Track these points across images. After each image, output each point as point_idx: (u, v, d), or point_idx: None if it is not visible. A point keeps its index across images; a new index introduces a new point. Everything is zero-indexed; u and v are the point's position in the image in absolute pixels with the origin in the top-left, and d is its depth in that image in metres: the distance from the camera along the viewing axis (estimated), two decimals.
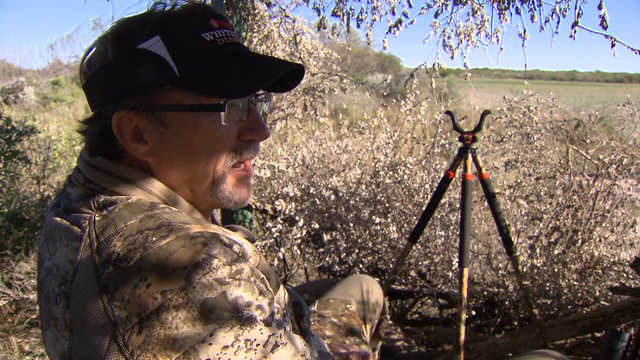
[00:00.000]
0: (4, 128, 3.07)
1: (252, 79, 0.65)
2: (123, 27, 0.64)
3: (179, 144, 0.65)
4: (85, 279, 0.55)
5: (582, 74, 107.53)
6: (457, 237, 2.14)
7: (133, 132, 0.64)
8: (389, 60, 18.88)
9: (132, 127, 0.64)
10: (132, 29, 0.63)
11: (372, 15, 1.88)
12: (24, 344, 2.08)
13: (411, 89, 2.36)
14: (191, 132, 0.64)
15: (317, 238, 2.56)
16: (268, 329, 0.55)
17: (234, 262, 0.55)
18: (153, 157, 0.66)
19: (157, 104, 0.63)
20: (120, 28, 0.64)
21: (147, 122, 0.64)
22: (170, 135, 0.64)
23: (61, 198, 0.68)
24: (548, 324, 1.77)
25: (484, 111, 1.65)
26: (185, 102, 0.63)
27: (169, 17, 0.63)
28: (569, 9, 1.54)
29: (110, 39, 0.63)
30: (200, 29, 0.64)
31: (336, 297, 1.30)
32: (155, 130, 0.64)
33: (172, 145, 0.65)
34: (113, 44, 0.63)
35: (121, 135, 0.64)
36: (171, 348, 0.50)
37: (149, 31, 0.62)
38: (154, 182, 0.65)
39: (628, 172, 1.95)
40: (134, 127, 0.64)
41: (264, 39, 2.40)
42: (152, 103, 0.63)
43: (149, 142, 0.65)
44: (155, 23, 0.62)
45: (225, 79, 0.63)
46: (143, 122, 0.64)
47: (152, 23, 0.62)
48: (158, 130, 0.64)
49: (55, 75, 14.50)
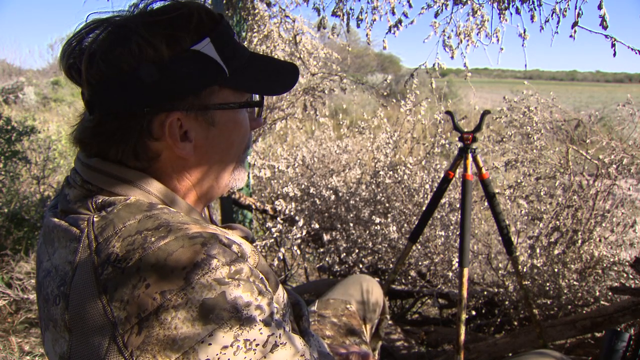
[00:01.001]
0: (4, 128, 3.07)
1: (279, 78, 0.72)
2: (167, 27, 0.62)
3: (222, 139, 0.69)
4: (84, 280, 0.55)
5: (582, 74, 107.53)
6: (457, 237, 2.14)
7: (180, 132, 0.65)
8: (389, 60, 18.89)
9: (179, 126, 0.64)
10: (179, 29, 0.62)
11: (372, 15, 1.88)
12: (24, 344, 2.08)
13: (411, 89, 2.36)
14: (232, 127, 0.69)
15: (317, 238, 2.56)
16: (267, 329, 0.55)
17: (233, 262, 0.55)
18: (195, 154, 0.67)
19: (209, 104, 0.65)
20: (164, 27, 0.62)
21: (195, 121, 0.65)
22: (215, 132, 0.68)
23: (59, 199, 0.68)
24: (548, 324, 1.77)
25: (484, 111, 1.65)
26: (230, 100, 0.67)
27: (210, 19, 0.65)
28: (569, 9, 1.54)
29: (157, 38, 0.61)
30: (231, 31, 0.68)
31: (336, 297, 1.30)
32: (200, 128, 0.66)
33: (214, 141, 0.68)
34: (166, 45, 0.61)
35: (172, 137, 0.64)
36: (170, 348, 0.50)
37: (200, 33, 0.63)
38: (152, 182, 0.65)
39: (628, 172, 1.95)
40: (180, 127, 0.65)
41: (264, 39, 2.40)
42: (204, 103, 0.65)
43: (192, 140, 0.66)
44: (202, 25, 0.64)
45: (261, 78, 0.70)
46: (190, 121, 0.65)
47: (199, 25, 0.63)
48: (204, 128, 0.66)
49: (55, 75, 14.50)
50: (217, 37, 0.65)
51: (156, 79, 0.61)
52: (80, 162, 0.67)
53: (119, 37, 0.61)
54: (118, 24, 0.62)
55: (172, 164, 0.67)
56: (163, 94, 0.62)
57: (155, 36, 0.61)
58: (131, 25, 0.62)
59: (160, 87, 0.62)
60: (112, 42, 0.61)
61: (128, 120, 0.63)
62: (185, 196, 0.70)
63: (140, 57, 0.60)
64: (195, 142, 0.66)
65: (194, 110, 0.64)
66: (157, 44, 0.61)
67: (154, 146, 0.64)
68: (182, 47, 0.62)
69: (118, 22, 0.63)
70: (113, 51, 0.60)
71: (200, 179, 0.70)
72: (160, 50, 0.61)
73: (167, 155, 0.66)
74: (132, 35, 0.61)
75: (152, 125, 0.63)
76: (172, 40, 0.61)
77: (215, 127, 0.67)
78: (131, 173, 0.64)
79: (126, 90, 0.61)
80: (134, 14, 0.65)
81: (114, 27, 0.62)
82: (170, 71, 0.61)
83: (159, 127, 0.63)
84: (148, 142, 0.64)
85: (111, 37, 0.61)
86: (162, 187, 0.66)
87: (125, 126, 0.63)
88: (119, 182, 0.64)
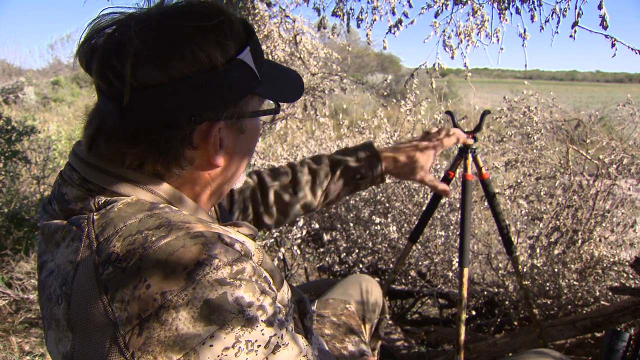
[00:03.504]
0: (4, 128, 3.07)
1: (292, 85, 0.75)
2: (215, 33, 0.60)
3: (245, 145, 0.70)
4: (85, 280, 0.55)
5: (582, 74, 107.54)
6: (457, 237, 2.14)
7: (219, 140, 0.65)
8: (389, 60, 18.89)
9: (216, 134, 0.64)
10: (225, 37, 0.61)
11: (372, 15, 1.87)
12: (24, 344, 2.08)
13: (411, 89, 2.36)
14: (255, 134, 0.72)
15: (317, 238, 2.56)
16: (269, 329, 0.55)
17: (235, 261, 0.55)
18: (225, 161, 0.68)
19: (245, 112, 0.66)
20: (213, 33, 0.60)
21: (229, 130, 0.66)
22: (243, 139, 0.69)
23: (55, 197, 0.66)
24: (548, 324, 1.77)
25: (484, 111, 1.65)
26: (257, 108, 0.68)
27: (248, 28, 0.66)
28: (569, 9, 1.54)
29: (210, 45, 0.59)
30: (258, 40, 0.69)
31: (335, 297, 1.30)
32: (232, 136, 0.67)
33: (240, 148, 0.69)
34: (220, 53, 0.60)
35: (214, 146, 0.64)
36: (172, 349, 0.50)
37: (242, 41, 0.63)
38: (157, 181, 0.64)
39: (628, 172, 1.95)
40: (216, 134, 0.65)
41: (264, 39, 2.40)
42: (241, 111, 0.65)
43: (225, 148, 0.66)
44: (241, 33, 0.64)
45: (279, 86, 0.72)
46: (226, 129, 0.65)
47: (239, 33, 0.63)
48: (235, 135, 0.67)
49: (55, 75, 14.50)
50: (254, 46, 0.65)
51: (206, 88, 0.59)
52: (78, 158, 0.65)
53: (170, 41, 0.57)
54: (163, 26, 0.58)
55: (200, 170, 0.67)
56: (211, 103, 0.61)
57: (208, 43, 0.59)
58: (179, 28, 0.58)
59: (209, 96, 0.60)
60: (163, 46, 0.57)
61: (171, 129, 0.60)
62: (197, 197, 0.70)
63: (194, 64, 0.58)
64: (226, 150, 0.67)
65: (233, 119, 0.64)
66: (211, 51, 0.59)
67: (189, 154, 0.64)
68: (231, 55, 0.61)
69: (164, 23, 0.58)
70: (164, 56, 0.57)
71: (220, 183, 0.71)
72: (214, 58, 0.59)
73: (199, 162, 0.66)
74: (184, 40, 0.57)
75: (193, 134, 0.62)
76: (223, 48, 0.60)
77: (245, 134, 0.68)
78: (135, 173, 0.63)
79: (173, 97, 0.58)
80: (174, 13, 0.60)
81: (162, 29, 0.58)
82: (220, 80, 0.60)
83: (201, 136, 0.63)
84: (186, 150, 0.63)
85: (160, 41, 0.57)
86: (166, 187, 0.65)
87: (168, 134, 0.60)
88: (122, 181, 0.62)
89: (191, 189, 0.69)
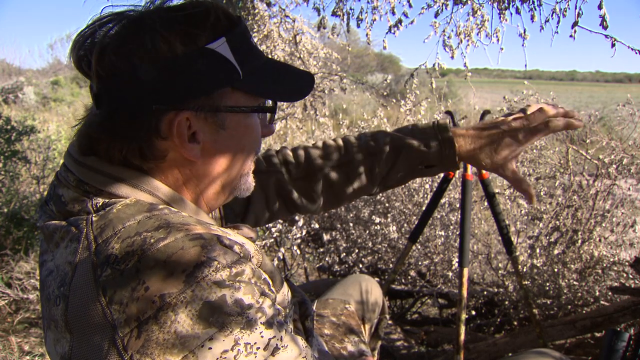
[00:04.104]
0: (4, 128, 3.07)
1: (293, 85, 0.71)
2: (183, 23, 0.60)
3: (231, 143, 0.67)
4: (83, 281, 0.54)
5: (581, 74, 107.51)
6: (457, 237, 2.14)
7: (188, 133, 0.63)
8: (388, 60, 18.88)
9: (187, 127, 0.63)
10: (194, 27, 0.61)
11: (372, 15, 1.87)
12: (23, 343, 2.08)
13: (411, 89, 2.36)
14: (243, 132, 0.68)
15: (317, 238, 2.56)
16: (269, 331, 0.54)
17: (235, 263, 0.55)
18: (202, 157, 0.65)
19: (220, 106, 0.64)
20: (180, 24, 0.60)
21: (204, 123, 0.64)
22: (225, 136, 0.66)
23: (52, 199, 0.66)
24: (548, 324, 1.77)
25: (484, 111, 1.65)
26: (243, 104, 0.66)
27: (228, 19, 0.64)
28: (569, 9, 1.54)
29: (172, 34, 0.59)
30: (248, 34, 0.67)
31: (335, 297, 1.29)
32: (210, 131, 0.64)
33: (223, 145, 0.66)
34: (180, 41, 0.59)
35: (180, 137, 0.62)
36: (170, 352, 0.50)
37: (215, 31, 0.62)
38: (154, 182, 0.64)
39: (628, 172, 1.95)
40: (188, 127, 0.63)
41: (264, 39, 2.40)
42: (215, 104, 0.63)
43: (201, 142, 0.64)
44: (219, 24, 0.62)
45: (275, 84, 0.69)
46: (199, 122, 0.63)
47: (216, 24, 0.62)
48: (214, 130, 0.65)
49: (55, 75, 14.50)
50: (233, 38, 0.63)
51: (168, 76, 0.60)
52: (72, 159, 0.65)
53: (133, 31, 0.59)
54: (133, 18, 0.61)
55: (178, 165, 0.65)
56: (174, 92, 0.61)
57: (170, 32, 0.59)
58: (147, 19, 0.60)
59: (172, 85, 0.60)
60: (125, 36, 0.59)
61: (136, 117, 0.61)
62: (197, 199, 0.69)
63: (153, 52, 0.58)
64: (204, 145, 0.65)
65: (204, 111, 0.63)
66: (172, 40, 0.59)
67: (161, 145, 0.63)
68: (197, 45, 0.60)
69: (133, 16, 0.61)
70: (125, 45, 0.59)
71: (207, 183, 0.69)
72: (174, 47, 0.59)
73: (173, 155, 0.64)
74: (147, 29, 0.59)
75: (160, 124, 0.61)
76: (187, 37, 0.60)
77: (225, 130, 0.65)
78: (131, 174, 0.63)
79: (136, 86, 0.59)
80: (151, 9, 0.63)
81: (129, 21, 0.60)
82: (182, 68, 0.60)
83: (168, 126, 0.62)
84: (156, 140, 0.62)
85: (124, 31, 0.60)
86: (166, 188, 0.65)
87: (133, 123, 0.61)
88: (118, 183, 0.62)
89: (190, 190, 0.68)
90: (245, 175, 0.72)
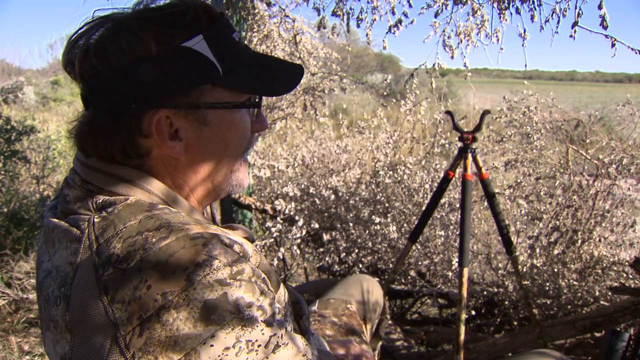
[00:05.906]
0: (4, 128, 3.07)
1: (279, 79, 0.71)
2: (158, 23, 0.61)
3: (215, 139, 0.67)
4: (85, 281, 0.55)
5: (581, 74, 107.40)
6: (457, 237, 2.14)
7: (170, 130, 0.64)
8: (388, 60, 18.88)
9: (169, 124, 0.64)
10: (170, 26, 0.61)
11: (372, 15, 1.87)
12: (23, 343, 2.08)
13: (411, 89, 2.36)
14: (227, 128, 0.68)
15: (316, 238, 2.56)
16: (269, 329, 0.55)
17: (235, 262, 0.55)
18: (186, 154, 0.66)
19: (200, 102, 0.64)
20: (155, 24, 0.61)
21: (185, 120, 0.64)
22: (207, 132, 0.66)
23: (58, 200, 0.67)
24: (548, 324, 1.77)
25: (483, 111, 1.65)
26: (225, 100, 0.66)
27: (208, 16, 0.64)
28: (569, 9, 1.54)
29: (147, 35, 0.60)
30: (230, 30, 0.67)
31: (336, 297, 1.30)
32: (192, 128, 0.65)
33: (207, 142, 0.67)
34: (155, 41, 0.60)
35: (160, 134, 0.63)
36: (172, 350, 0.50)
37: (192, 29, 0.62)
38: (153, 181, 0.65)
39: (628, 172, 1.95)
40: (169, 125, 0.64)
41: (264, 39, 2.40)
42: (194, 101, 0.64)
43: (183, 139, 0.65)
44: (195, 22, 0.63)
45: (259, 78, 0.68)
46: (180, 119, 0.64)
47: (192, 21, 0.62)
48: (196, 127, 0.65)
49: (54, 75, 14.48)
50: (211, 35, 0.63)
51: (144, 76, 0.60)
52: (79, 162, 0.67)
53: (112, 33, 0.61)
54: (115, 21, 0.62)
55: (164, 163, 0.66)
56: (151, 91, 0.62)
57: (145, 32, 0.60)
58: (125, 21, 0.61)
59: (149, 84, 0.61)
60: (105, 38, 0.61)
61: (118, 117, 0.62)
62: (188, 197, 0.70)
63: (130, 53, 0.60)
64: (187, 142, 0.65)
65: (183, 109, 0.63)
66: (146, 40, 0.60)
67: (144, 143, 0.64)
68: (172, 44, 0.61)
69: (116, 18, 0.63)
70: (104, 47, 0.60)
71: (195, 180, 0.69)
72: (149, 46, 0.60)
73: (157, 153, 0.65)
74: (123, 31, 0.60)
75: (141, 122, 0.62)
76: (162, 36, 0.61)
77: (208, 127, 0.66)
78: (131, 172, 0.64)
79: (116, 86, 0.61)
80: (134, 11, 0.64)
81: (111, 24, 0.62)
82: (158, 67, 0.61)
83: (148, 124, 0.62)
84: (138, 139, 0.63)
85: (105, 33, 0.61)
86: (163, 187, 0.65)
87: (115, 122, 0.62)
88: (119, 181, 0.63)
89: (179, 187, 0.69)
90: (236, 171, 0.72)
